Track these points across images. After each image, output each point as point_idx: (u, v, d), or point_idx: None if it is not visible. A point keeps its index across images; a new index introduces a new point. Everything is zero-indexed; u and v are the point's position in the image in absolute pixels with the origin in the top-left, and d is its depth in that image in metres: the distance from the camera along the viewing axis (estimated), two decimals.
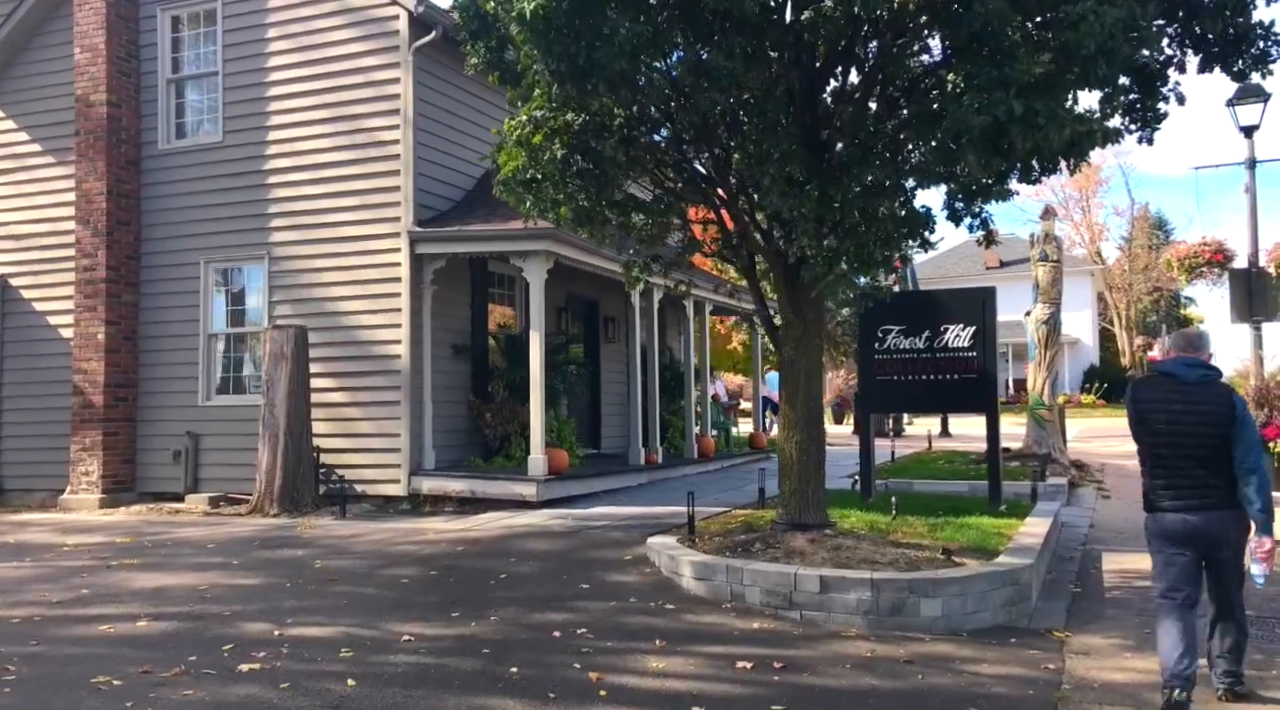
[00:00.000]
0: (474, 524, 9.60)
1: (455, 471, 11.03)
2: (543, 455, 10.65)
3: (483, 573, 7.52)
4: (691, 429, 15.13)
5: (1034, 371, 15.81)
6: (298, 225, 11.62)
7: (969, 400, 10.79)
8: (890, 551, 7.35)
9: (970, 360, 10.46)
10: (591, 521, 9.59)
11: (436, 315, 11.36)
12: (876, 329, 10.87)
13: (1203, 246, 14.65)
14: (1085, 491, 14.27)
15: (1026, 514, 9.96)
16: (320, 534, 9.25)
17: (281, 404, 10.54)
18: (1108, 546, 9.88)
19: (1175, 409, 4.72)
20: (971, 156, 5.39)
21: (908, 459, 17.13)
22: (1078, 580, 8.22)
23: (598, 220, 7.11)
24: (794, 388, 7.88)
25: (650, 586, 7.17)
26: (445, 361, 11.58)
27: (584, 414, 14.95)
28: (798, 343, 7.79)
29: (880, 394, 10.92)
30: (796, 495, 7.85)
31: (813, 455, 7.87)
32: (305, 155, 11.57)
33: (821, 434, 7.99)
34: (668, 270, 7.90)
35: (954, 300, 11.03)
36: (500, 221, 10.79)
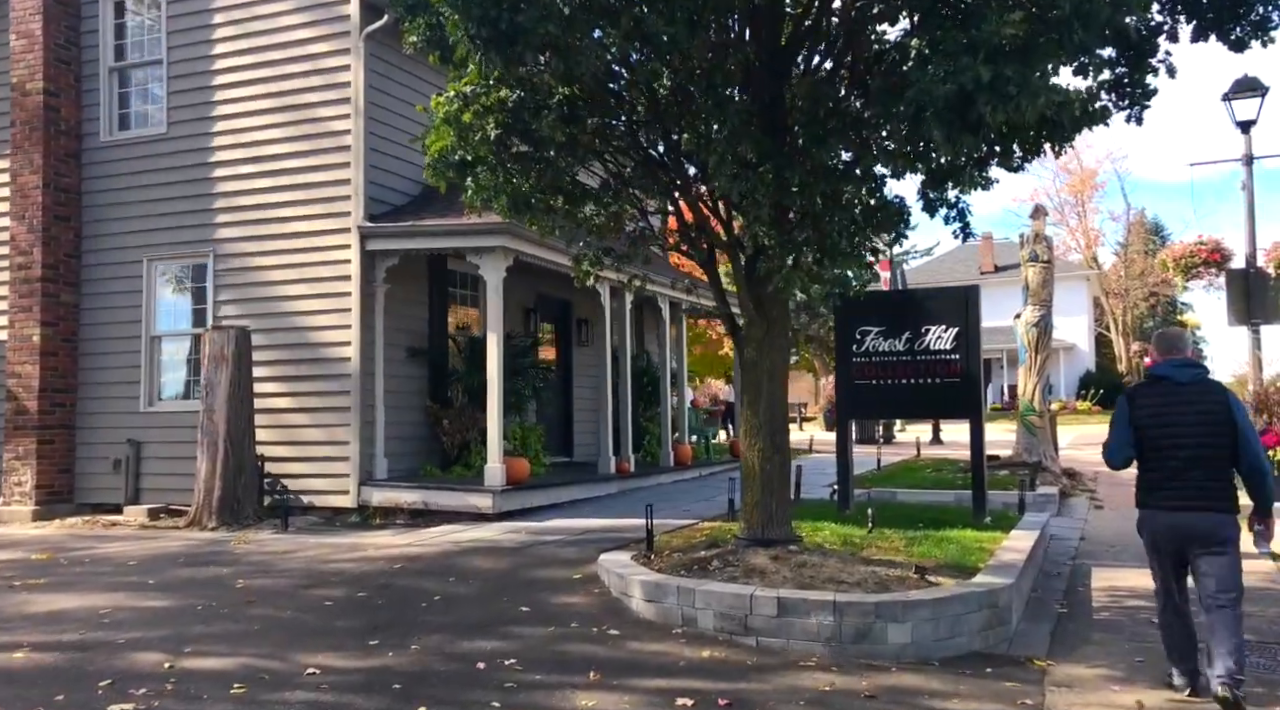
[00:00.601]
0: (420, 539, 8.97)
1: (408, 482, 10.41)
2: (500, 464, 10.04)
3: (416, 594, 6.90)
4: (668, 436, 14.52)
5: (1024, 376, 15.22)
6: (245, 221, 11.02)
7: (952, 405, 10.20)
8: (859, 570, 6.74)
9: (953, 363, 9.87)
10: (547, 535, 8.98)
11: (390, 315, 10.75)
12: (855, 330, 10.29)
13: (1199, 246, 14.08)
14: (1077, 501, 13.68)
15: (1012, 526, 9.38)
16: (253, 550, 8.62)
17: (221, 410, 9.92)
18: (1098, 561, 9.28)
19: (1173, 410, 4.77)
20: (937, 131, 4.80)
21: (894, 467, 16.53)
22: (1064, 599, 7.62)
23: (539, 209, 6.51)
24: (756, 391, 7.28)
25: (597, 609, 6.56)
26: (400, 365, 10.97)
27: (555, 421, 14.33)
28: (760, 343, 7.19)
29: (859, 399, 10.32)
30: (759, 508, 7.24)
31: (776, 464, 7.26)
32: (253, 147, 10.98)
33: (786, 441, 7.38)
34: (621, 264, 7.30)
35: (935, 300, 10.44)
36: (456, 216, 10.20)
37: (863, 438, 26.25)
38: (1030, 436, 14.96)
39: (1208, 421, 4.68)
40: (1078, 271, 47.26)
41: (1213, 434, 4.67)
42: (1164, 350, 4.97)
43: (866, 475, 15.28)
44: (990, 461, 15.66)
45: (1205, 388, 4.79)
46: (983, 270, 46.76)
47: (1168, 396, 4.81)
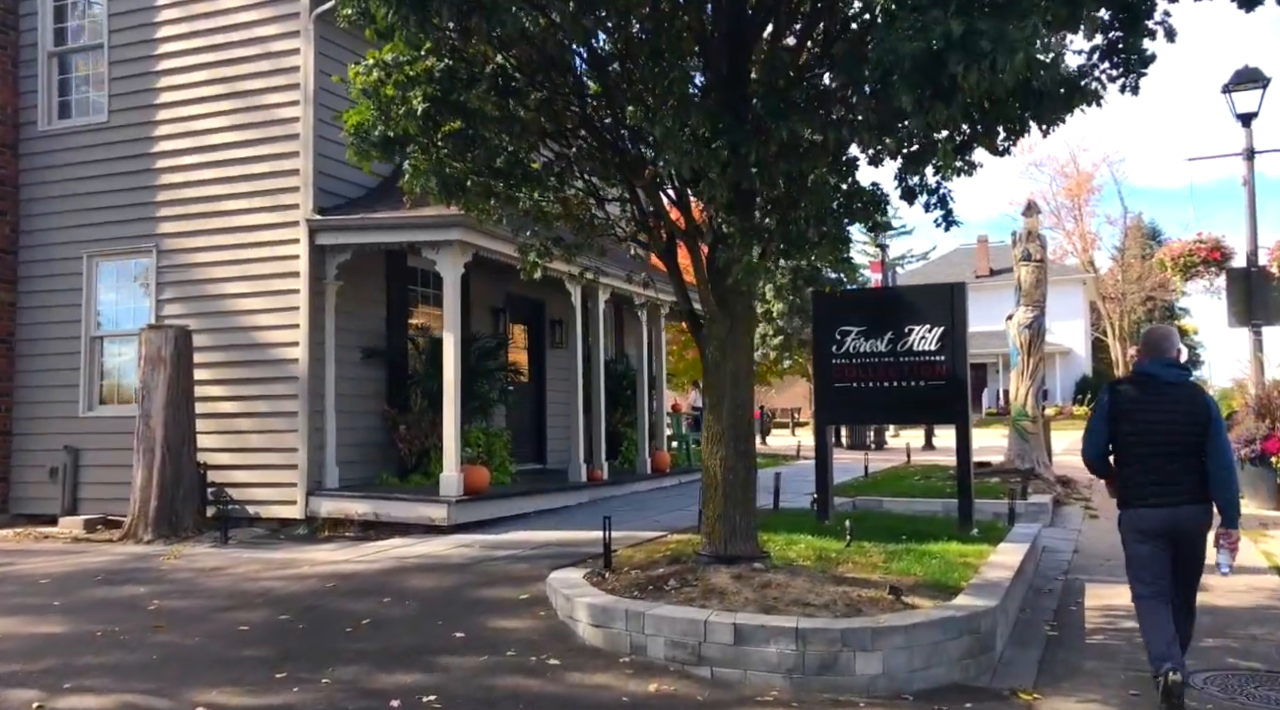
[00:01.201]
0: (364, 553, 8.35)
1: (360, 491, 9.78)
2: (456, 473, 9.42)
3: (345, 617, 6.28)
4: (645, 442, 13.90)
5: (1016, 380, 14.63)
6: (190, 214, 10.41)
7: (937, 409, 9.61)
8: (829, 590, 6.13)
9: (938, 365, 9.28)
10: (501, 550, 8.36)
11: (343, 315, 10.14)
12: (834, 330, 9.70)
13: (1198, 244, 13.49)
14: (1071, 510, 13.06)
15: (1001, 538, 8.78)
16: (182, 566, 7.99)
17: (159, 415, 9.29)
18: (1092, 576, 8.68)
19: (1154, 409, 4.86)
20: (906, 96, 4.20)
21: (882, 474, 15.93)
22: (1055, 619, 7.02)
23: (475, 193, 5.90)
24: (719, 394, 6.67)
25: (540, 635, 5.94)
26: (354, 367, 10.35)
27: (526, 426, 13.72)
28: (723, 341, 6.58)
29: (838, 403, 9.73)
30: (721, 522, 6.63)
31: (741, 474, 6.65)
32: (199, 136, 10.37)
33: (751, 448, 6.78)
34: (570, 253, 6.69)
35: (919, 297, 9.85)
36: (410, 209, 9.57)
37: (854, 443, 25.73)
38: (1023, 442, 14.37)
39: (1189, 421, 4.79)
40: (1074, 275, 46.77)
41: (1193, 434, 4.80)
42: (1151, 349, 5.02)
43: (852, 483, 14.68)
44: (981, 468, 15.10)
45: (1189, 389, 4.91)
46: (978, 273, 46.32)
47: (1154, 395, 4.88)
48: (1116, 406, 4.95)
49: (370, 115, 5.45)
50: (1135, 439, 4.87)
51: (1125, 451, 4.92)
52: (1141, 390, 4.94)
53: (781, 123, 5.06)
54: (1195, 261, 13.38)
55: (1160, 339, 5.07)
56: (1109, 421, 4.97)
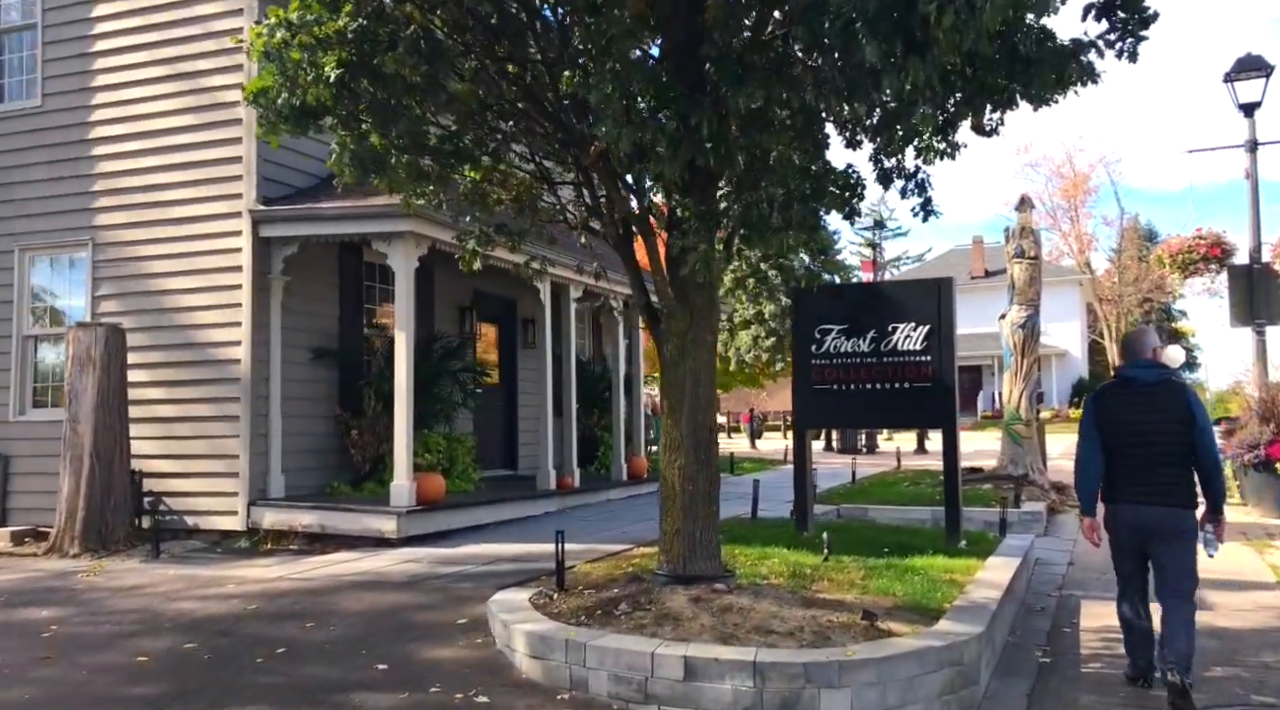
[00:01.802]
0: (299, 570, 7.70)
1: (307, 501, 9.15)
2: (408, 482, 8.78)
3: (259, 644, 5.65)
4: (620, 447, 13.27)
5: (1009, 382, 14.02)
6: (128, 205, 9.77)
7: (923, 413, 8.99)
8: (796, 615, 5.51)
9: (923, 366, 8.67)
10: (450, 565, 7.72)
11: (291, 312, 9.51)
12: (813, 329, 9.09)
13: (1198, 240, 12.89)
14: (1066, 518, 12.44)
15: (991, 551, 8.19)
16: (100, 584, 7.35)
17: (87, 419, 8.65)
18: (1089, 592, 8.08)
19: (1137, 410, 4.98)
20: (871, 47, 3.60)
21: (870, 480, 15.33)
22: (1048, 643, 6.41)
23: (400, 172, 5.27)
24: (678, 396, 6.05)
25: (472, 666, 5.31)
26: (303, 368, 9.72)
27: (496, 431, 13.09)
28: (682, 337, 5.97)
29: (818, 407, 9.10)
30: (679, 538, 6.01)
31: (702, 484, 6.03)
32: (138, 121, 9.74)
33: (713, 456, 6.15)
34: (516, 242, 6.07)
35: (904, 293, 9.23)
36: (360, 198, 8.94)
37: (845, 447, 25.13)
38: (1016, 447, 13.76)
39: (1171, 420, 4.89)
40: (1070, 276, 46.26)
41: (1176, 433, 4.88)
42: (1129, 352, 5.17)
43: (839, 489, 14.07)
44: (973, 474, 14.50)
45: (1168, 388, 5.00)
46: (973, 274, 45.82)
47: (1133, 397, 5.02)
48: (1101, 414, 5.10)
49: (274, 82, 4.84)
50: (1120, 441, 5.00)
51: (1112, 454, 5.04)
52: (1123, 394, 5.08)
53: (738, 90, 4.44)
54: (1195, 258, 12.80)
55: (1135, 341, 5.21)
56: (1097, 432, 5.09)
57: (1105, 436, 5.05)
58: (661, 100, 4.43)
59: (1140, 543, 4.98)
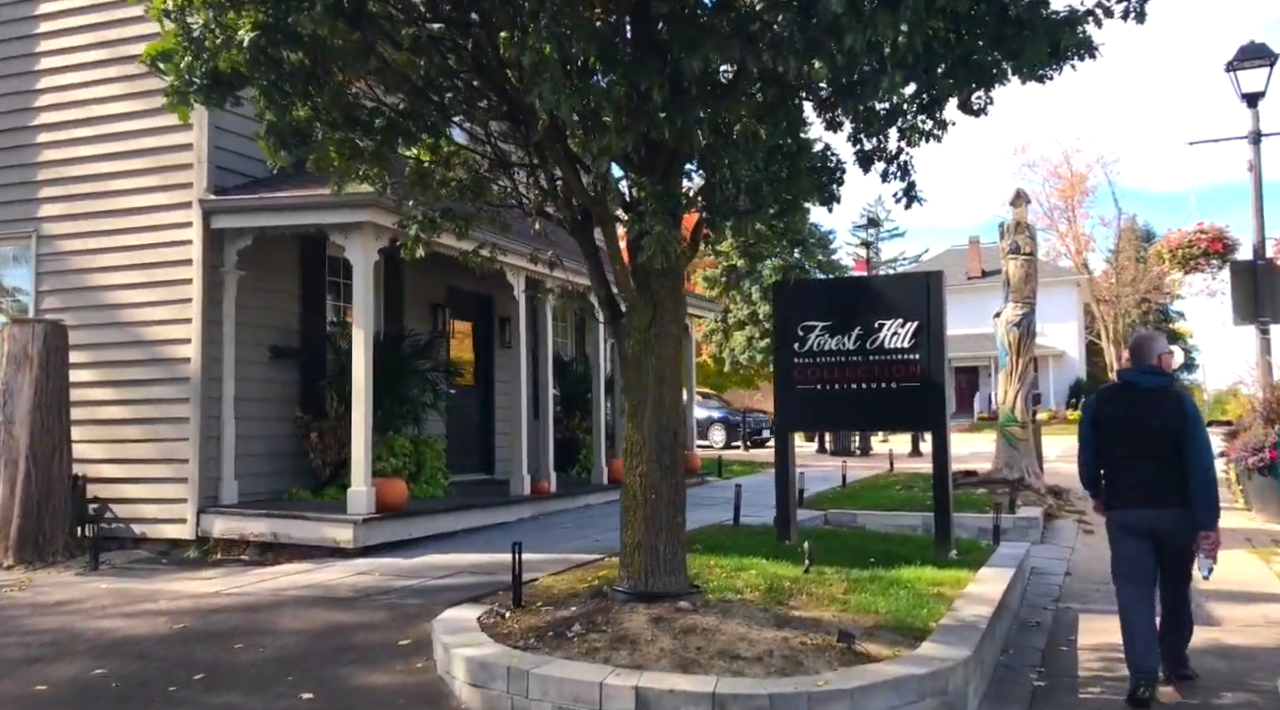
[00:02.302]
0: (243, 583, 7.19)
1: (260, 508, 8.64)
2: (366, 488, 8.28)
3: (178, 669, 5.14)
4: (601, 450, 12.77)
5: (1004, 382, 13.53)
6: (73, 195, 9.27)
7: (911, 414, 8.49)
8: (766, 636, 5.02)
9: (912, 364, 8.19)
10: (404, 578, 7.22)
11: (246, 308, 9.00)
12: (796, 326, 8.60)
13: (1199, 234, 12.42)
14: (1064, 524, 11.96)
15: (983, 561, 7.72)
16: (24, 600, 6.84)
17: (23, 422, 8.15)
18: (1088, 605, 7.60)
19: (1135, 414, 5.06)
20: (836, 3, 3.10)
21: (860, 484, 14.82)
22: (1043, 663, 5.94)
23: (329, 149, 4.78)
24: (639, 396, 5.56)
25: (408, 696, 4.81)
26: (260, 367, 9.21)
27: (472, 433, 12.60)
28: (644, 333, 5.48)
29: (802, 408, 8.61)
30: (640, 551, 5.52)
31: (666, 492, 5.54)
32: (84, 106, 9.23)
33: (679, 462, 5.67)
34: (462, 227, 5.57)
35: (891, 288, 8.75)
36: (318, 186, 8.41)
37: (837, 449, 24.62)
38: (1011, 450, 13.27)
39: (1168, 425, 4.95)
40: (1068, 276, 45.83)
41: (1173, 438, 4.92)
42: (1136, 356, 5.21)
43: (828, 493, 13.57)
44: (966, 477, 14.01)
45: (1166, 395, 5.07)
46: (969, 275, 45.38)
47: (1132, 401, 5.09)
48: (1099, 414, 5.20)
49: (177, 44, 4.35)
50: (1116, 444, 5.09)
51: (1108, 457, 5.15)
52: (1121, 397, 5.19)
53: (693, 53, 3.95)
54: (1196, 253, 12.32)
55: (1141, 346, 5.26)
56: (1093, 428, 5.21)
57: (1103, 439, 5.16)
58: (607, 63, 3.95)
59: (1137, 545, 5.04)
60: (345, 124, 4.72)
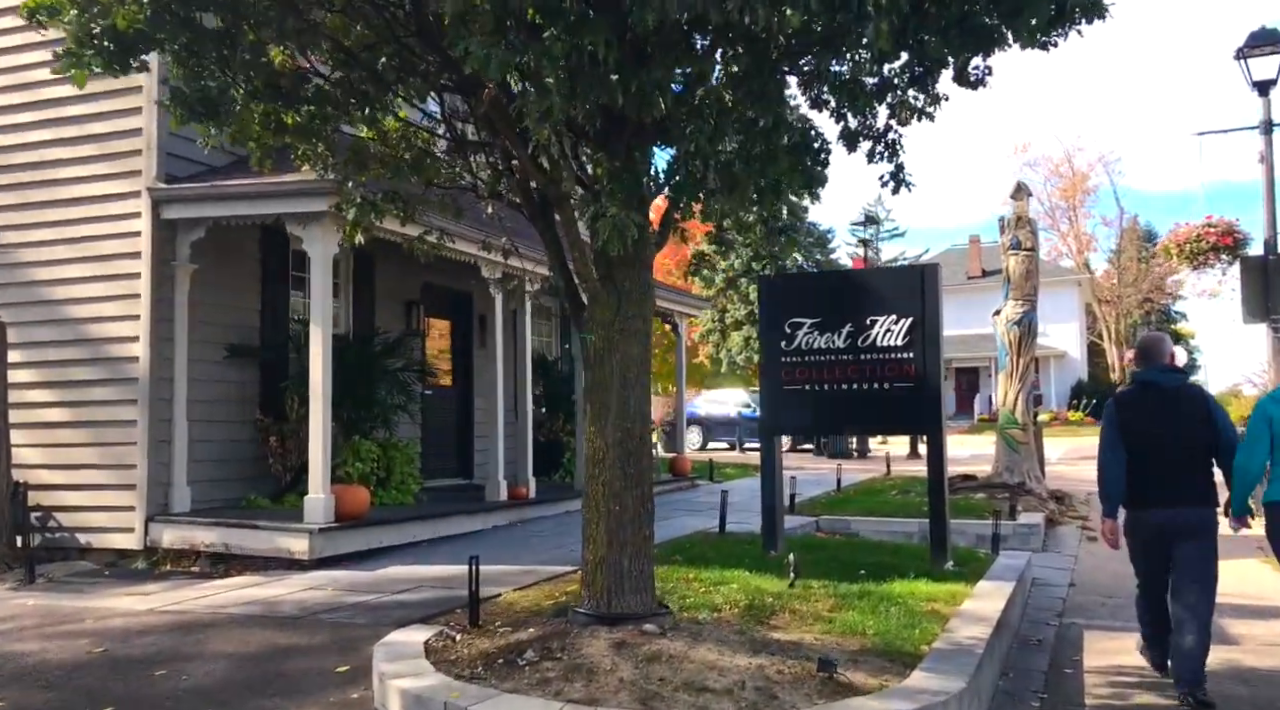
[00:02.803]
0: (181, 600, 6.66)
1: (212, 517, 8.11)
2: (325, 495, 7.76)
3: (83, 702, 4.62)
4: (583, 453, 12.21)
5: (1004, 382, 13.01)
6: (16, 183, 8.75)
7: (905, 416, 7.96)
8: (740, 663, 4.51)
9: (905, 363, 7.68)
10: (357, 593, 6.69)
11: (201, 304, 8.49)
12: (783, 322, 8.10)
13: (1208, 228, 11.90)
14: (1066, 531, 11.45)
15: (982, 573, 7.23)
16: None
17: None
18: (1093, 620, 7.10)
19: (1159, 414, 5.05)
20: None
21: (856, 488, 14.27)
22: (1045, 687, 5.46)
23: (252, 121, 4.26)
24: (603, 398, 5.04)
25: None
26: (215, 367, 8.69)
27: (448, 436, 12.07)
28: (608, 328, 4.96)
29: (789, 410, 8.10)
30: (603, 569, 4.99)
31: (631, 503, 5.02)
32: (28, 90, 8.71)
33: (647, 469, 5.15)
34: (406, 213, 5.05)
35: (883, 282, 8.24)
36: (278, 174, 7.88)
37: (835, 451, 24.08)
38: (1012, 453, 12.75)
39: (1193, 423, 4.98)
40: (1069, 276, 45.28)
41: (1198, 435, 4.96)
42: (1148, 357, 5.24)
43: (821, 498, 13.04)
44: (965, 482, 13.49)
45: (1188, 393, 5.14)
46: (970, 275, 44.85)
47: (1156, 401, 5.09)
48: (1122, 415, 5.16)
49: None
50: (1143, 445, 5.03)
51: (1136, 458, 5.06)
52: (1145, 399, 5.15)
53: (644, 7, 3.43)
54: (1205, 248, 11.77)
55: (1153, 346, 5.32)
56: (1119, 433, 5.10)
57: (1129, 442, 5.06)
58: (548, 14, 3.43)
59: (1166, 545, 5.00)
60: (267, 94, 4.21)
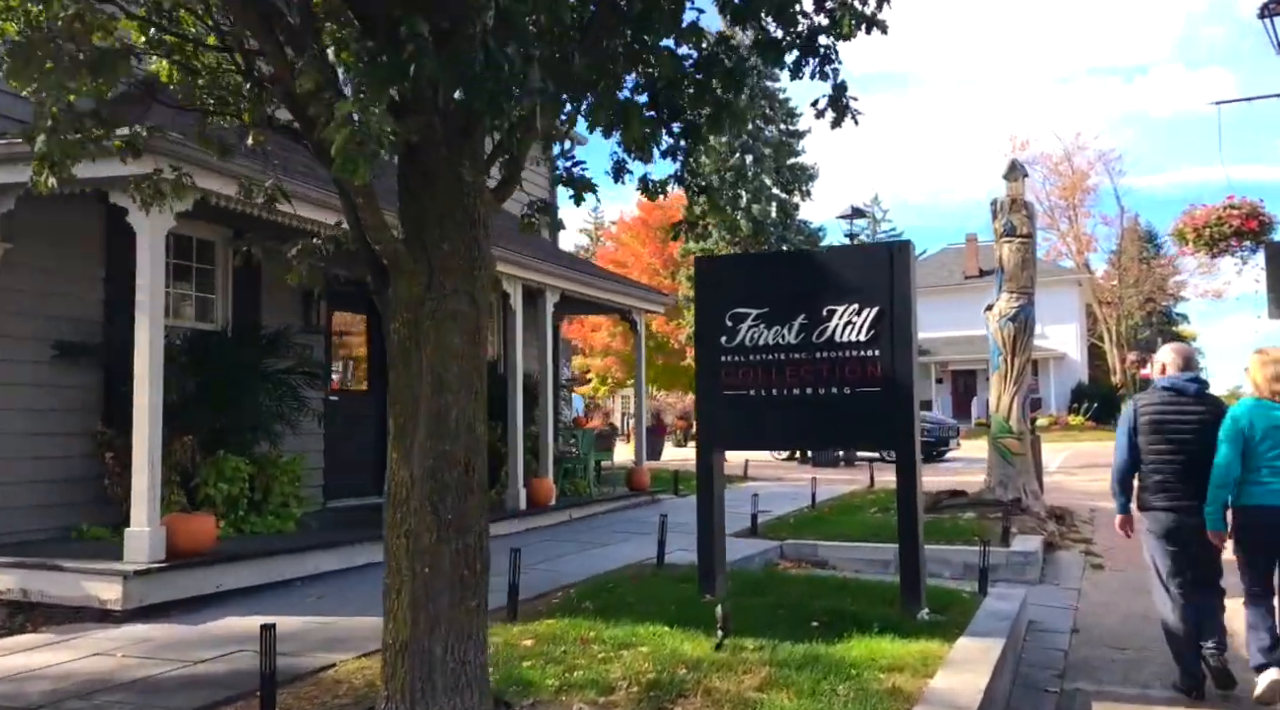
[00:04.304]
0: None
1: (14, 554, 6.58)
2: (150, 528, 6.24)
3: None
4: (518, 469, 10.74)
5: (998, 385, 11.50)
6: None
7: (870, 428, 6.46)
8: None
9: (869, 363, 6.22)
10: (152, 663, 5.15)
11: (16, 292, 7.05)
12: (724, 314, 6.63)
13: (1229, 210, 10.39)
14: (1068, 556, 9.92)
15: (965, 624, 5.82)
16: None
17: None
18: (1103, 684, 5.67)
19: (1178, 418, 5.25)
20: None
21: (832, 504, 12.78)
22: None
23: None
24: (408, 409, 3.54)
25: None
26: (40, 368, 7.21)
27: (364, 450, 10.55)
28: (416, 309, 3.47)
29: (731, 419, 6.61)
30: (407, 657, 3.47)
31: (447, 566, 3.50)
32: None
33: (473, 513, 3.62)
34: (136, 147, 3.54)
35: (845, 263, 6.71)
36: None
37: (819, 458, 22.53)
38: (1006, 465, 11.23)
39: (1207, 430, 5.12)
40: (1069, 276, 43.84)
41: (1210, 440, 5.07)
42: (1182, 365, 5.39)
43: (791, 517, 11.54)
44: (954, 498, 11.96)
45: (1207, 400, 5.31)
46: (967, 274, 43.40)
47: (1173, 405, 5.29)
48: (1140, 418, 5.33)
49: None
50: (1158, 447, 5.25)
51: (1151, 457, 5.27)
52: (1165, 402, 5.31)
53: None
54: (1227, 232, 10.28)
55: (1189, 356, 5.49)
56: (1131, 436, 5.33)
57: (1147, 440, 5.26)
58: None
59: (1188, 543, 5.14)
60: None
